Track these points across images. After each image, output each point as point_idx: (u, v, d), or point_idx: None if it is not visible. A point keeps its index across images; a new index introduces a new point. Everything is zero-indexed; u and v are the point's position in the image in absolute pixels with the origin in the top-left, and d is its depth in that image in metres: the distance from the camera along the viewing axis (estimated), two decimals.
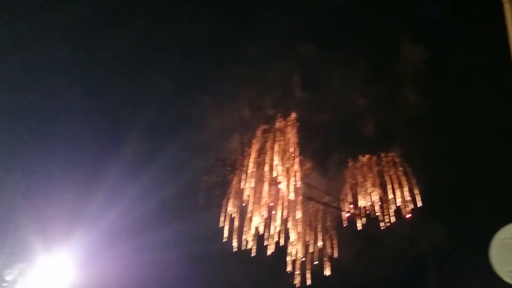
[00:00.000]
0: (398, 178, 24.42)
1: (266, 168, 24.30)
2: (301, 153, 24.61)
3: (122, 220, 21.00)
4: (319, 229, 24.72)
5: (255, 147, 24.54)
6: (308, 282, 23.53)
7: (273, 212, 24.16)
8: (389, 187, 24.37)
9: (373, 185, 24.53)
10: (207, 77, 26.16)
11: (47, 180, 20.60)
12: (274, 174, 24.21)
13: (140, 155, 23.39)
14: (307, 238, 24.50)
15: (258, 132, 24.67)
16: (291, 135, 24.74)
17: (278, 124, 24.73)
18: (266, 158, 24.40)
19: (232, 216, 23.60)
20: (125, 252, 20.97)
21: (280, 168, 24.28)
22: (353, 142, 26.18)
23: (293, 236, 24.19)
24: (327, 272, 23.98)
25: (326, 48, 26.07)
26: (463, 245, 20.03)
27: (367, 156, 24.96)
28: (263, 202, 23.99)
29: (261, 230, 24.00)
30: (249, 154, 24.30)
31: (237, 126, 25.05)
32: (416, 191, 24.06)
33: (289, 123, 24.83)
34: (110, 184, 21.03)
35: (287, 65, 26.76)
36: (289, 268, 23.93)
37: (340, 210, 24.71)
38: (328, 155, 25.69)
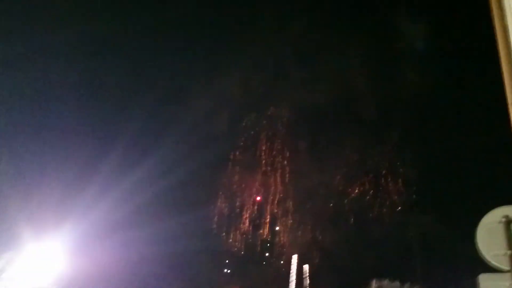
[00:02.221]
0: (391, 166, 24.41)
1: (257, 159, 24.21)
2: (293, 139, 24.46)
3: (113, 213, 20.86)
4: (309, 218, 24.77)
5: (246, 138, 24.39)
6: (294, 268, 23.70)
7: (263, 204, 24.14)
8: (382, 175, 24.36)
9: (366, 173, 24.44)
10: (197, 69, 26.05)
11: (36, 169, 20.37)
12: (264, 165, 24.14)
13: (133, 149, 23.32)
14: (297, 227, 24.54)
15: (248, 124, 24.46)
16: (283, 124, 24.60)
17: (269, 113, 24.55)
18: (256, 149, 24.28)
19: (223, 212, 23.53)
20: (114, 244, 20.86)
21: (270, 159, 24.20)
22: (346, 127, 25.93)
23: (280, 227, 24.27)
24: (317, 259, 24.14)
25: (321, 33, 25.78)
26: (450, 231, 20.27)
27: (361, 143, 24.75)
28: (253, 193, 23.94)
29: (251, 224, 24.03)
30: (240, 146, 24.13)
31: (228, 119, 24.80)
32: (407, 179, 24.17)
33: (280, 112, 24.68)
34: (102, 176, 20.88)
35: (278, 52, 26.54)
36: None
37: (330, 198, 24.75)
38: (320, 140, 25.39)
